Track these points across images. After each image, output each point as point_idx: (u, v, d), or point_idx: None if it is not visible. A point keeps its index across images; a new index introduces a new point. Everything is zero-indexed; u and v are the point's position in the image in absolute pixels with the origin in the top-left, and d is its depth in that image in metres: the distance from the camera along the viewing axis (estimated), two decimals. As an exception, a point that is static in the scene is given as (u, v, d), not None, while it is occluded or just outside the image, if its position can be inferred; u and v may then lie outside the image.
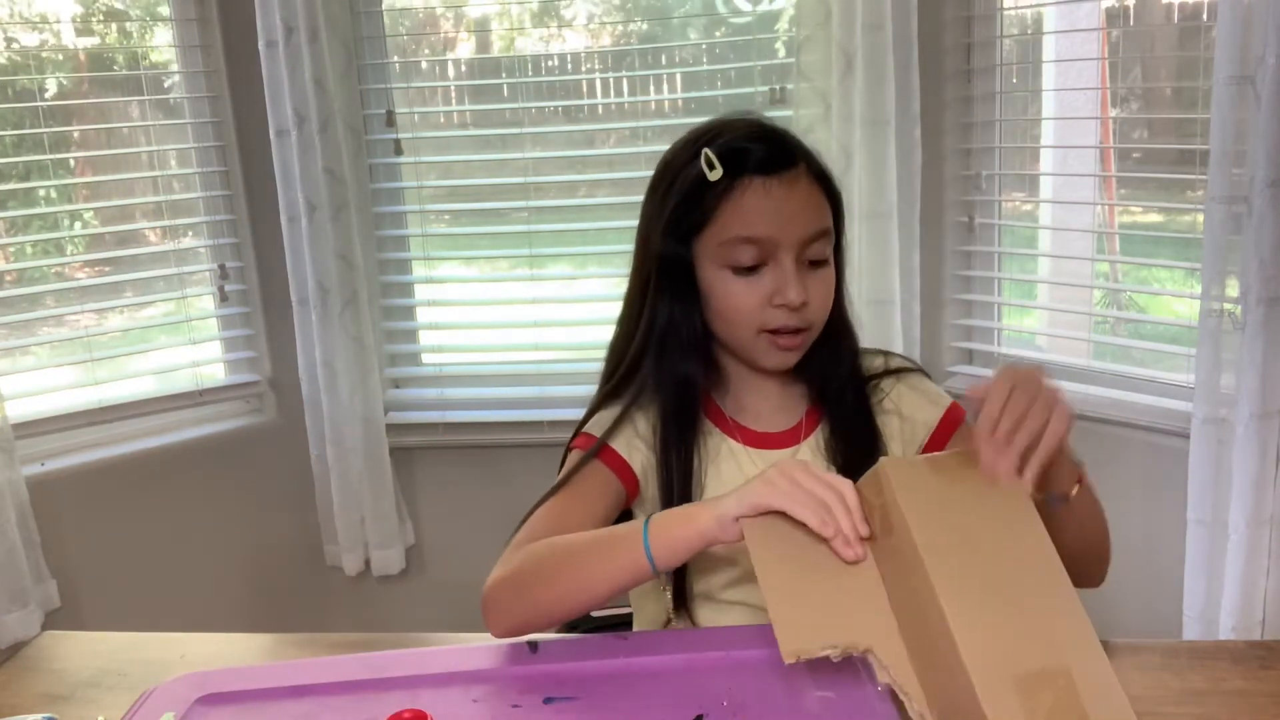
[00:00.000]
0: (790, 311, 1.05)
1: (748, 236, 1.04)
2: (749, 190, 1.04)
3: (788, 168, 1.05)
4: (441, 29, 2.36)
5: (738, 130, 1.08)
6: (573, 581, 0.96)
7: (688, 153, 1.08)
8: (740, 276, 1.05)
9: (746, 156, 1.04)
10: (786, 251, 1.04)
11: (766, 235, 1.03)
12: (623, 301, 1.16)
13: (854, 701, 0.86)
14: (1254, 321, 1.62)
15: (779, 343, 1.07)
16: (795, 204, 1.04)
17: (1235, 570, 1.69)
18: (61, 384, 2.18)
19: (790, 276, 1.04)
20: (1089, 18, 2.07)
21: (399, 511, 2.32)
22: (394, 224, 2.34)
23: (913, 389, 1.16)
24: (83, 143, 2.23)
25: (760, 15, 2.16)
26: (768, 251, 1.04)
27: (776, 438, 1.13)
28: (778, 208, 1.04)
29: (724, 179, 1.04)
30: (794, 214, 1.04)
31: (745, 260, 1.04)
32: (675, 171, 1.09)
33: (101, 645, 1.09)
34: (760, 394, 1.14)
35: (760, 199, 1.04)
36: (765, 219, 1.03)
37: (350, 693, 0.93)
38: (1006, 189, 2.17)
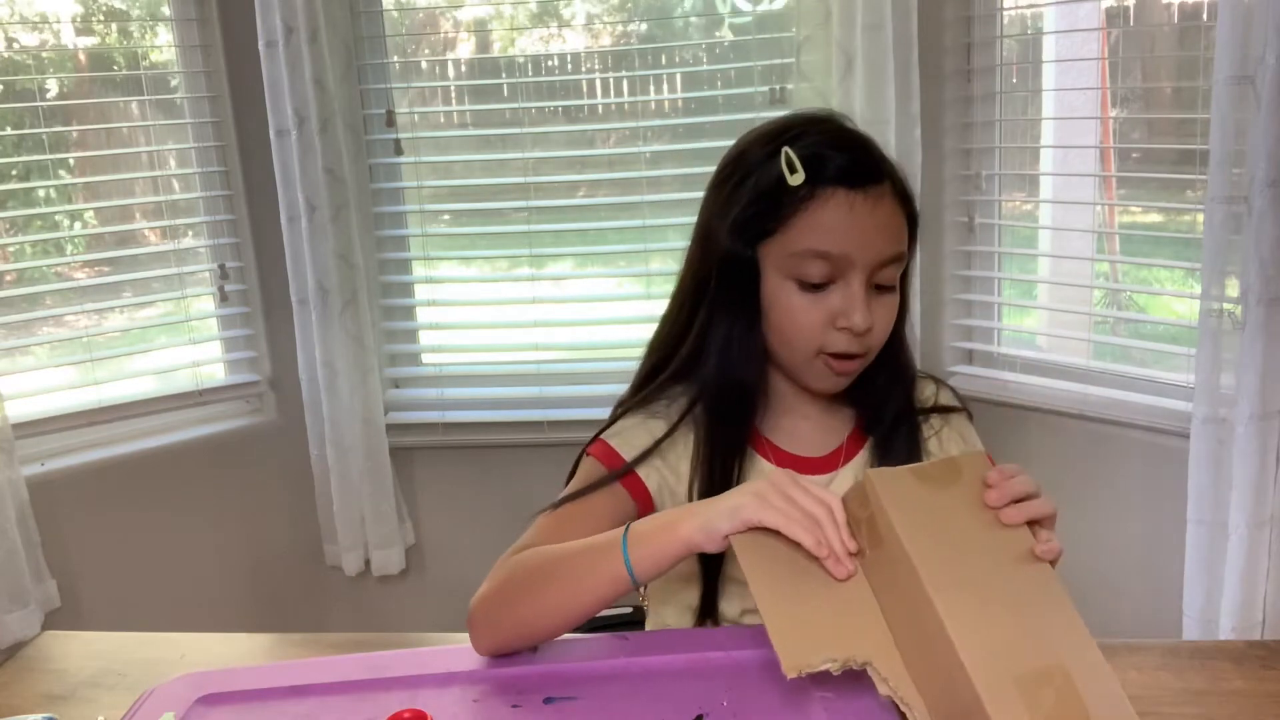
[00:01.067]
0: (852, 337, 0.99)
1: (822, 251, 0.97)
2: (831, 201, 0.97)
3: (874, 183, 0.98)
4: (441, 29, 2.36)
5: (822, 133, 1.01)
6: (552, 597, 0.92)
7: (765, 149, 1.00)
8: (805, 292, 0.99)
9: (831, 164, 0.97)
10: (858, 272, 0.97)
11: (842, 252, 0.97)
12: (671, 297, 1.10)
13: (854, 702, 0.86)
14: (1254, 321, 1.61)
15: (835, 366, 1.01)
16: (876, 223, 0.98)
17: (1235, 570, 1.69)
18: (61, 384, 2.18)
19: (858, 300, 0.97)
20: (1089, 18, 2.07)
21: (399, 511, 2.32)
22: (394, 224, 2.34)
23: (957, 434, 1.11)
24: (83, 143, 2.23)
25: (760, 15, 2.16)
26: (839, 270, 0.97)
27: (812, 463, 1.08)
28: (858, 225, 0.97)
29: (805, 185, 0.96)
30: (874, 234, 0.98)
31: (814, 276, 0.98)
32: (749, 167, 1.01)
33: (101, 645, 1.09)
34: (800, 414, 1.09)
35: (842, 213, 0.97)
36: (843, 235, 0.97)
37: (350, 693, 0.93)
38: (1006, 189, 2.17)
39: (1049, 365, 2.12)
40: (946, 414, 1.12)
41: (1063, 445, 2.02)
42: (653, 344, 1.12)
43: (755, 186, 1.00)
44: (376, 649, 1.02)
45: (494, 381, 2.39)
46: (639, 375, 1.13)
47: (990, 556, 0.82)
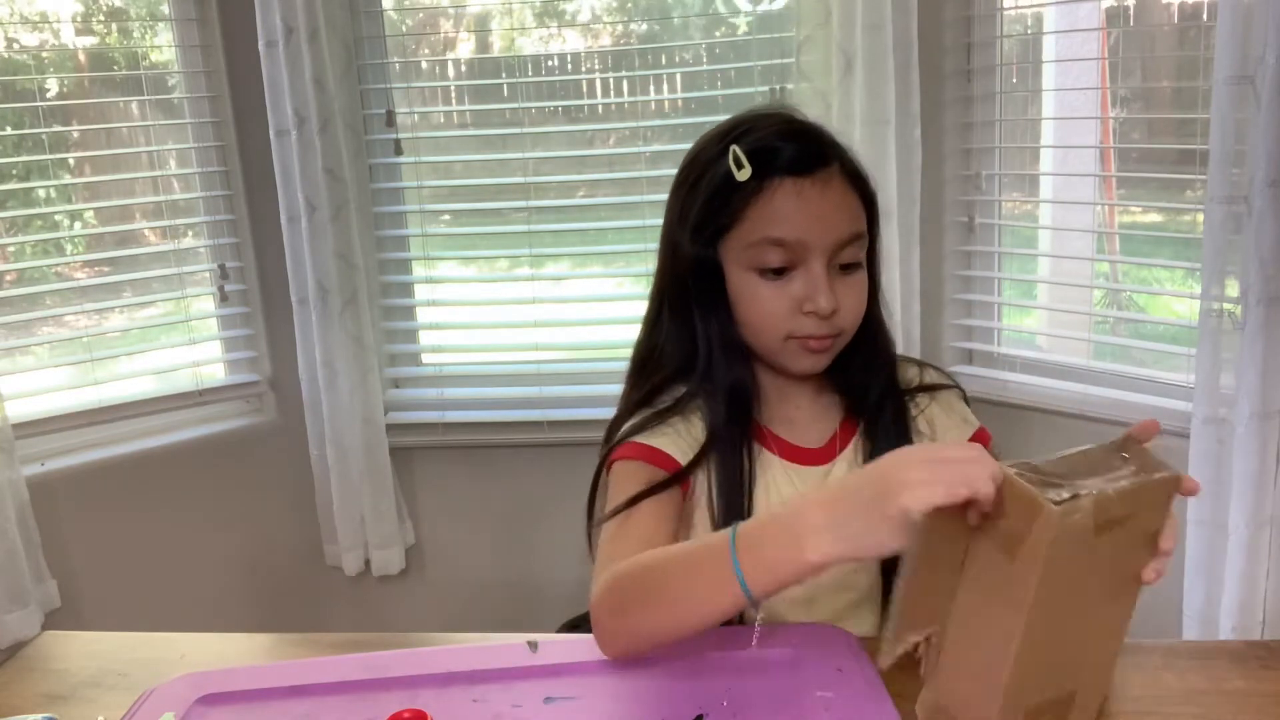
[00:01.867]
0: (820, 320, 1.00)
1: (776, 239, 0.99)
2: (779, 191, 0.99)
3: (820, 167, 1.00)
4: (441, 29, 2.36)
5: (768, 127, 1.03)
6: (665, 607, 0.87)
7: (715, 149, 1.03)
8: (768, 280, 1.01)
9: (777, 155, 1.00)
10: (817, 256, 0.99)
11: (796, 238, 0.99)
12: (648, 301, 1.12)
13: (854, 701, 0.86)
14: (1254, 321, 1.61)
15: (809, 345, 1.02)
16: (827, 206, 1.00)
17: (1235, 570, 1.69)
18: (61, 384, 2.18)
19: (821, 283, 0.99)
20: (1089, 18, 2.07)
21: (399, 511, 2.32)
22: (394, 224, 2.34)
23: (946, 409, 1.11)
24: (83, 143, 2.23)
25: (760, 15, 2.16)
26: (797, 255, 1.00)
27: (811, 453, 1.09)
28: (809, 209, 0.99)
29: (753, 179, 0.99)
30: (826, 216, 1.00)
31: (773, 262, 1.00)
32: (701, 169, 1.04)
33: (101, 645, 1.09)
34: (793, 404, 1.10)
35: (790, 200, 0.99)
36: (795, 221, 0.99)
37: (350, 693, 0.93)
38: (1006, 189, 2.17)
39: (1049, 365, 2.12)
40: (933, 391, 1.12)
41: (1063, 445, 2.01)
42: (635, 349, 1.14)
43: (708, 187, 1.02)
44: (376, 649, 1.02)
45: (494, 381, 2.39)
46: (627, 380, 1.14)
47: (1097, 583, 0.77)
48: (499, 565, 2.38)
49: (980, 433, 1.11)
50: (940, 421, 1.10)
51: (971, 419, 1.12)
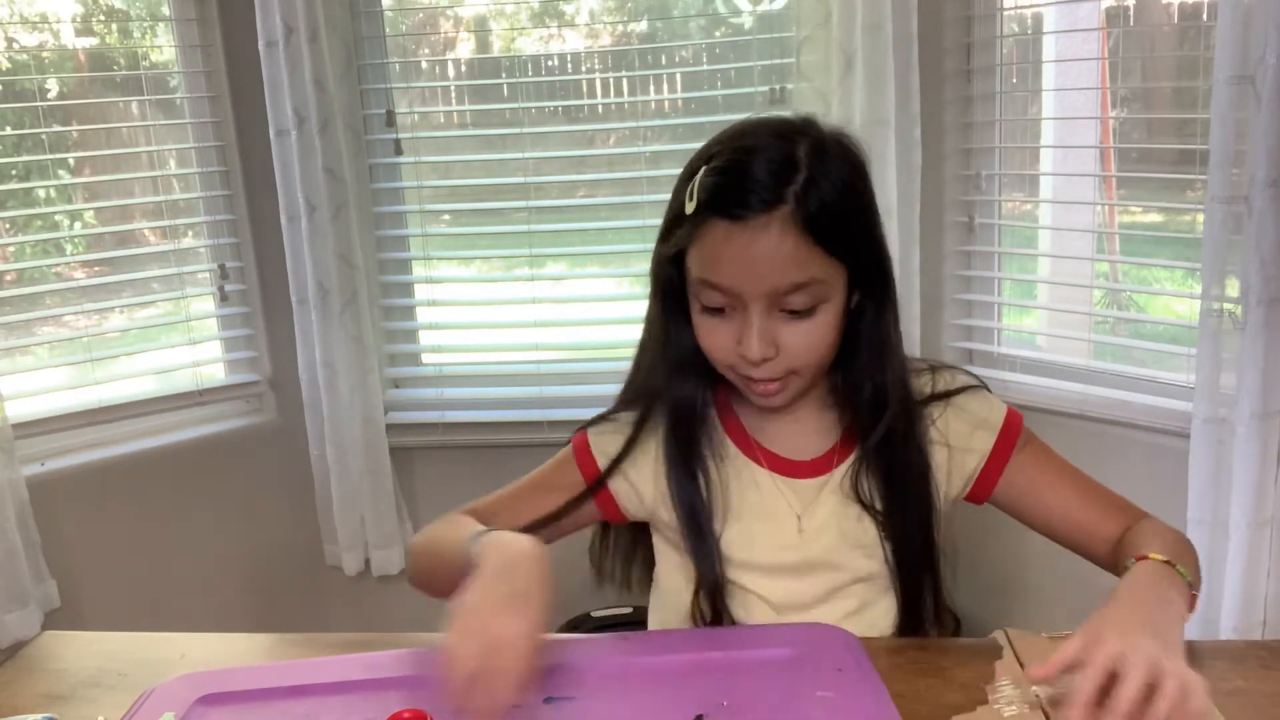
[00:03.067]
0: (752, 364, 0.97)
1: (710, 281, 0.95)
2: (710, 233, 0.94)
3: (759, 212, 0.92)
4: (441, 29, 2.36)
5: (730, 154, 0.96)
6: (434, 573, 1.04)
7: (697, 163, 0.99)
8: (711, 315, 0.98)
9: (717, 193, 0.93)
10: (753, 303, 0.94)
11: (728, 284, 0.94)
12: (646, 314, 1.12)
13: (854, 701, 0.86)
14: (1254, 321, 1.61)
15: (754, 389, 1.00)
16: (758, 255, 0.92)
17: (1235, 570, 1.69)
18: (61, 384, 2.18)
19: (751, 329, 0.95)
20: (1089, 18, 2.07)
21: (399, 511, 2.32)
22: (394, 224, 2.34)
23: (961, 414, 1.07)
24: (83, 143, 2.23)
25: (760, 15, 2.16)
26: (732, 299, 0.95)
27: (805, 466, 1.07)
28: (736, 257, 0.93)
29: (696, 213, 0.94)
30: (755, 265, 0.93)
31: (712, 302, 0.97)
32: (679, 182, 1.00)
33: (101, 645, 1.09)
34: (791, 417, 1.07)
35: (720, 244, 0.93)
36: (725, 268, 0.94)
37: (350, 693, 0.93)
38: (1006, 189, 2.17)
39: (1049, 365, 2.12)
40: (948, 398, 1.08)
41: (1063, 445, 2.00)
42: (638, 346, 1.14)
43: (674, 205, 1.00)
44: (376, 649, 1.02)
45: (494, 381, 2.39)
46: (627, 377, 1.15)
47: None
48: (499, 565, 2.38)
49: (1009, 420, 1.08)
50: (956, 428, 1.07)
51: (994, 416, 1.08)
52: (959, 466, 1.07)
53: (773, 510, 1.06)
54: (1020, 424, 1.08)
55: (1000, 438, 1.07)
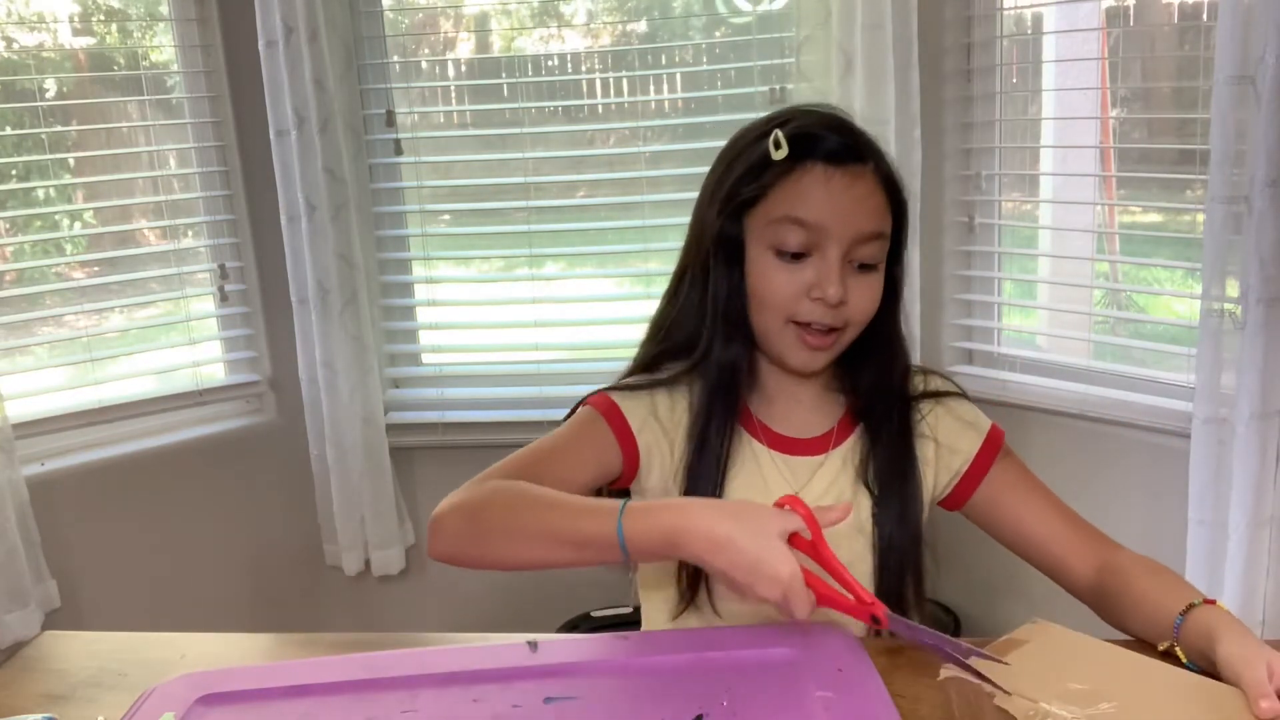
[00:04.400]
0: (825, 307, 1.01)
1: (798, 218, 1.00)
2: (809, 174, 1.01)
3: (854, 162, 1.02)
4: (441, 29, 2.36)
5: (812, 117, 1.06)
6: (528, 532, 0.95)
7: (756, 132, 1.06)
8: (783, 262, 1.02)
9: (815, 142, 1.02)
10: (835, 245, 1.00)
11: (817, 221, 1.00)
12: (671, 279, 1.13)
13: (854, 701, 0.86)
14: (1254, 321, 1.61)
15: (807, 339, 1.03)
16: (853, 198, 1.01)
17: (1235, 570, 1.69)
18: (61, 384, 2.18)
19: (833, 271, 1.00)
20: (1089, 18, 2.07)
21: (399, 511, 2.32)
22: (394, 224, 2.34)
23: (951, 414, 1.12)
24: (82, 143, 2.23)
25: (760, 15, 2.16)
26: (815, 240, 1.01)
27: (804, 444, 1.10)
28: (834, 197, 1.00)
29: (787, 159, 1.01)
30: (850, 208, 1.01)
31: (791, 243, 1.01)
32: (740, 149, 1.06)
33: (101, 645, 1.09)
34: (793, 398, 1.10)
35: (819, 184, 1.01)
36: (819, 205, 1.00)
37: (350, 693, 0.92)
38: (1006, 189, 2.17)
39: (1049, 365, 2.12)
40: (938, 397, 1.13)
41: (1063, 445, 2.02)
42: (652, 323, 1.15)
43: (744, 163, 1.04)
44: (376, 649, 1.02)
45: (494, 381, 2.39)
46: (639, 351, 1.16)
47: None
48: (499, 565, 2.38)
49: (993, 431, 1.12)
50: (945, 425, 1.11)
51: (981, 422, 1.13)
52: (945, 465, 1.11)
53: (767, 485, 1.08)
54: (1003, 437, 1.13)
55: (985, 444, 1.11)
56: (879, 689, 0.87)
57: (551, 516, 0.94)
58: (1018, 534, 1.10)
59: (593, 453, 1.08)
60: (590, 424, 1.10)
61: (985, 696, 0.88)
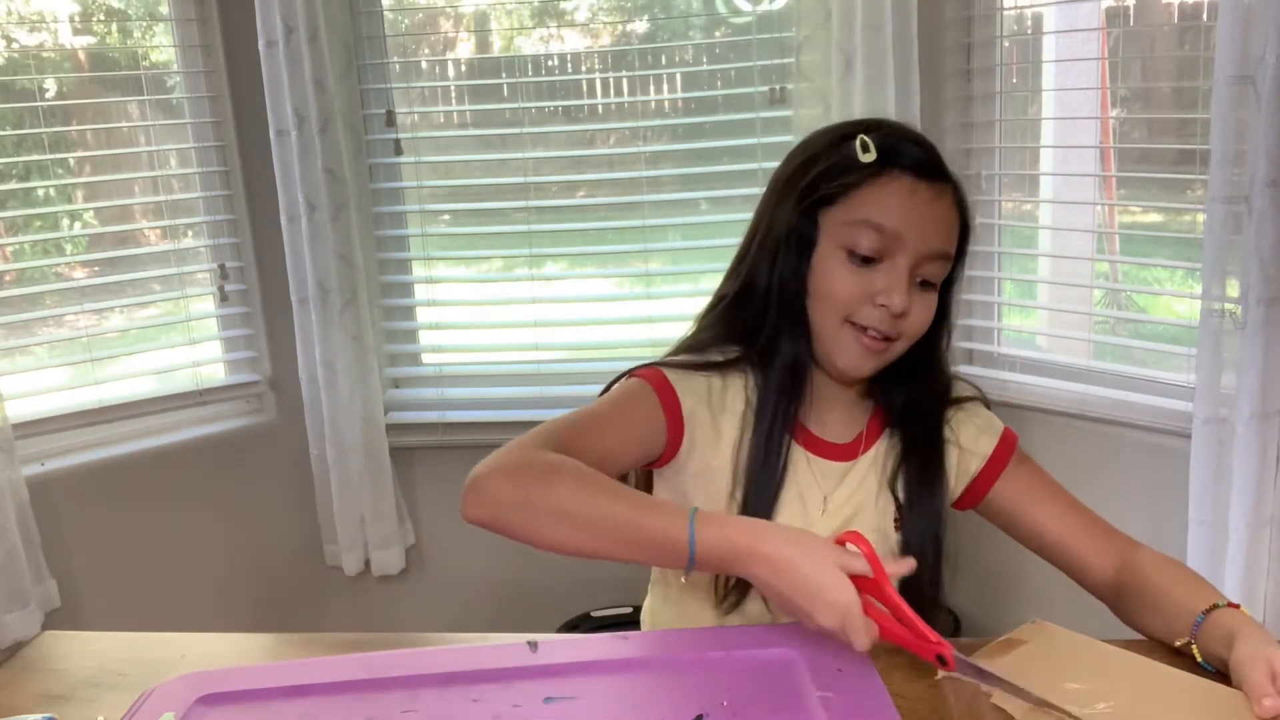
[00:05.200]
0: (886, 315, 1.02)
1: (877, 223, 1.01)
2: (895, 181, 1.02)
3: (939, 179, 1.04)
4: (441, 29, 2.36)
5: (897, 129, 1.08)
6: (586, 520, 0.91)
7: (837, 134, 1.07)
8: (853, 264, 1.02)
9: (904, 151, 1.03)
10: (906, 256, 1.01)
11: (895, 229, 1.01)
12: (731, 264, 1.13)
13: (854, 701, 0.86)
14: (1254, 321, 1.61)
15: (864, 341, 1.03)
16: (933, 214, 1.03)
17: (1235, 570, 1.69)
18: (61, 384, 2.18)
19: (901, 280, 1.01)
20: (1089, 18, 2.06)
21: (399, 511, 2.32)
22: (394, 224, 2.34)
23: (969, 418, 1.13)
24: (82, 143, 2.23)
25: (760, 15, 2.16)
26: (888, 247, 1.01)
27: (837, 449, 1.11)
28: (917, 209, 1.02)
29: (875, 164, 1.02)
30: (929, 222, 1.02)
31: (864, 246, 1.01)
32: (820, 148, 1.07)
33: (101, 645, 1.09)
34: (830, 402, 1.11)
35: (904, 193, 1.02)
36: (900, 214, 1.01)
37: (350, 693, 0.93)
38: (1006, 189, 2.17)
39: (1049, 365, 2.12)
40: (960, 403, 1.14)
41: (1063, 445, 2.02)
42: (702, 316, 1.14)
43: (827, 162, 1.05)
44: (376, 649, 1.02)
45: (494, 381, 2.39)
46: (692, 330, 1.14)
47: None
48: (499, 565, 2.38)
49: (1006, 434, 1.13)
50: (965, 430, 1.13)
51: (994, 423, 1.14)
52: (964, 470, 1.12)
53: (805, 487, 1.09)
54: (1016, 440, 1.14)
55: (1000, 445, 1.13)
56: (879, 689, 0.87)
57: (615, 508, 0.92)
58: (1037, 534, 1.10)
59: (639, 430, 1.05)
60: (641, 399, 1.06)
61: (983, 696, 0.88)
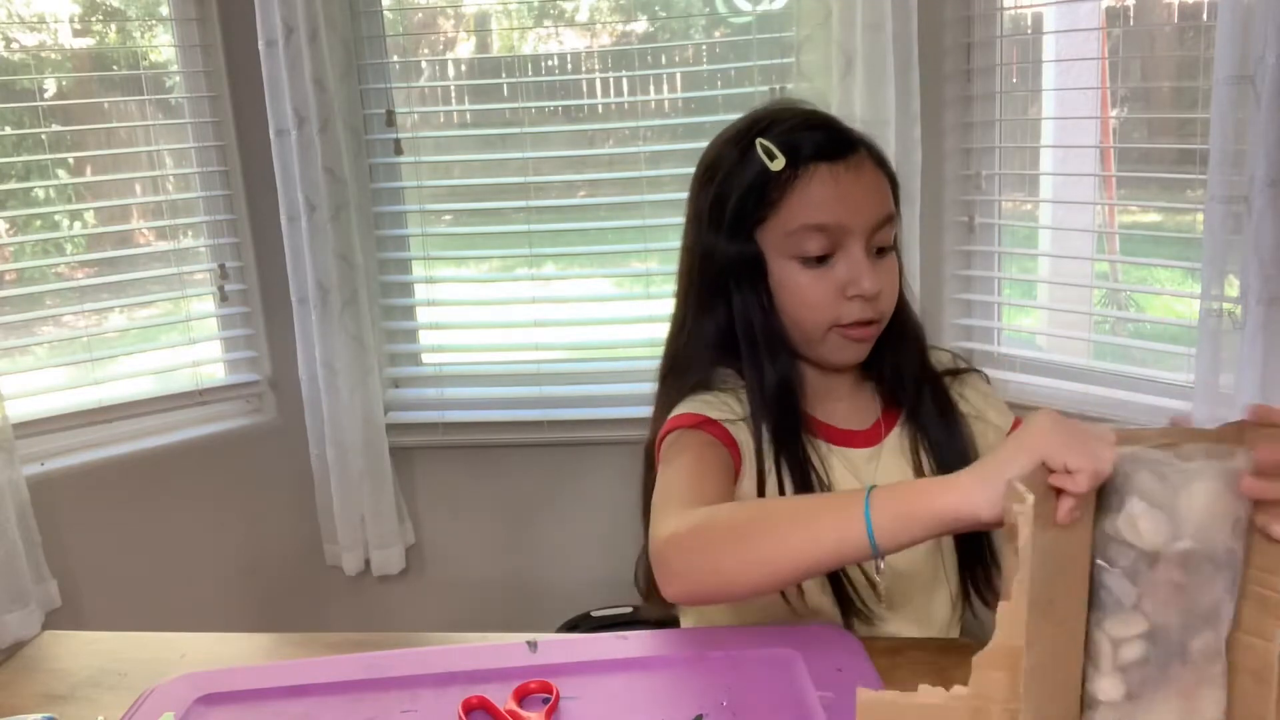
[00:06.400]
0: (865, 302, 1.01)
1: (816, 224, 1.00)
2: (815, 177, 1.01)
3: (850, 152, 1.02)
4: (441, 29, 2.36)
5: (790, 119, 1.05)
6: (765, 547, 0.83)
7: (737, 147, 1.05)
8: (809, 268, 1.02)
9: (807, 143, 1.02)
10: (856, 239, 1.01)
11: (836, 223, 1.00)
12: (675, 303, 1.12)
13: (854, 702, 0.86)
14: (1254, 321, 1.61)
15: (850, 334, 1.03)
16: (862, 189, 1.02)
17: (1235, 570, 1.69)
18: (61, 384, 2.18)
19: (864, 265, 1.01)
20: (1089, 18, 2.07)
21: (399, 511, 2.32)
22: (394, 224, 2.34)
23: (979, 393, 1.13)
24: (82, 143, 2.23)
25: (760, 15, 2.16)
26: (837, 240, 1.01)
27: (859, 436, 1.10)
28: (846, 194, 1.01)
29: (787, 168, 1.00)
30: (862, 200, 1.01)
31: (813, 250, 1.01)
32: (728, 168, 1.05)
33: (101, 645, 1.09)
34: (834, 394, 1.10)
35: (828, 185, 1.00)
36: (833, 206, 1.00)
37: (349, 693, 0.93)
38: (1006, 189, 2.17)
39: (1049, 365, 2.12)
40: (957, 375, 1.14)
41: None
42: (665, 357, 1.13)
43: (739, 182, 1.03)
44: (376, 649, 1.02)
45: (494, 381, 2.38)
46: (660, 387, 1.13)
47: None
48: (499, 565, 2.38)
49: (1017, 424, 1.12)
50: (978, 404, 1.12)
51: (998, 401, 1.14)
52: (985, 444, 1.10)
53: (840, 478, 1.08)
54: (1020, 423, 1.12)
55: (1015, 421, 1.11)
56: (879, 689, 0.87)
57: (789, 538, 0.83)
58: None
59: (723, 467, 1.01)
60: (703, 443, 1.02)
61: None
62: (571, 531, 2.30)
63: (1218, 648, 0.73)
